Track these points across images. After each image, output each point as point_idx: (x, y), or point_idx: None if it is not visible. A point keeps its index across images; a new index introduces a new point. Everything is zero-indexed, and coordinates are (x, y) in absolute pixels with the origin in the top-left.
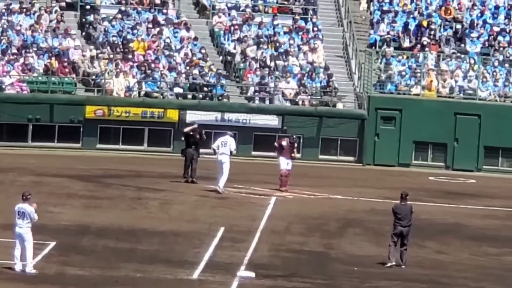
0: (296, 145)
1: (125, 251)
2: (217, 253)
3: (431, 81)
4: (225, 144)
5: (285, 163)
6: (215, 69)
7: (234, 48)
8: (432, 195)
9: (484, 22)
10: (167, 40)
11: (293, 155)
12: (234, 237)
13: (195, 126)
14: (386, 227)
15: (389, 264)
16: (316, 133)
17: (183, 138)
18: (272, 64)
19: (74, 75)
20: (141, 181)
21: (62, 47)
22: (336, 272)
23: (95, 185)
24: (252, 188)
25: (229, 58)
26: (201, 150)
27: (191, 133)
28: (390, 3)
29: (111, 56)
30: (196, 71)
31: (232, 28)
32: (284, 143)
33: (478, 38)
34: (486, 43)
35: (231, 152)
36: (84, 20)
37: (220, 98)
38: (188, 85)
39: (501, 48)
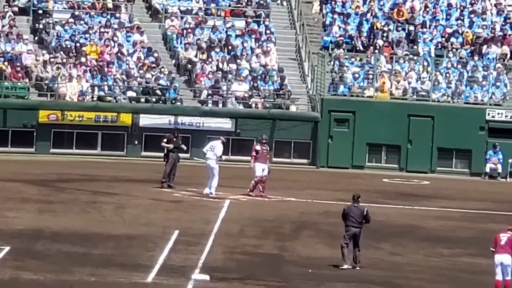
0: (268, 147)
1: (80, 255)
2: (171, 257)
3: (384, 82)
4: (213, 149)
5: (260, 170)
6: (167, 72)
7: (186, 50)
8: (387, 196)
9: (437, 23)
10: (120, 44)
11: (267, 158)
12: (188, 240)
13: (171, 146)
14: (340, 229)
15: (345, 267)
16: (270, 135)
17: (164, 144)
18: (225, 67)
19: (27, 80)
20: (95, 185)
21: (15, 51)
22: (290, 274)
23: (49, 190)
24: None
25: (183, 62)
26: (153, 154)
27: (174, 139)
28: (343, 5)
29: (64, 60)
30: (149, 75)
31: (184, 31)
32: (258, 147)
33: (431, 39)
34: (439, 44)
35: (218, 156)
36: (36, 25)
37: (173, 101)
38: (141, 89)
39: (454, 50)
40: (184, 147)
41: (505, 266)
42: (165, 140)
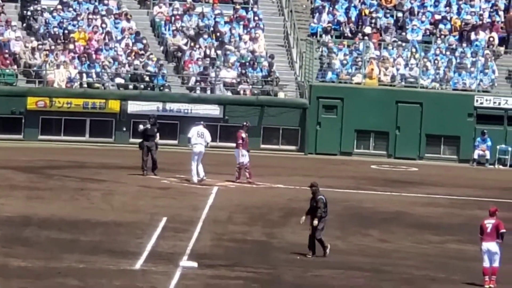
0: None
1: (68, 242)
2: (159, 243)
3: (372, 69)
4: (202, 135)
5: (241, 155)
6: (155, 58)
7: (174, 37)
8: (375, 183)
9: (425, 10)
10: (108, 32)
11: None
12: (177, 227)
13: (148, 126)
14: (329, 215)
15: (311, 256)
16: (258, 122)
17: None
18: (213, 54)
19: (15, 67)
20: (83, 172)
21: (3, 38)
22: (278, 261)
23: (38, 177)
24: (187, 180)
25: (171, 48)
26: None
27: (149, 127)
28: None
29: (52, 47)
30: (137, 62)
31: (173, 18)
32: (243, 135)
33: (419, 26)
34: (427, 31)
35: (207, 143)
36: (25, 11)
37: (161, 88)
38: (130, 75)
39: (442, 36)
40: (158, 139)
41: (492, 254)
42: (141, 126)
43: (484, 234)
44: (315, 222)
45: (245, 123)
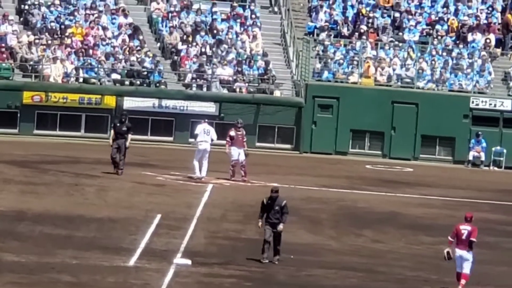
0: (244, 132)
1: (62, 238)
2: (153, 240)
3: (369, 66)
4: (208, 133)
5: (237, 153)
6: (152, 54)
7: (170, 34)
8: (369, 183)
9: (422, 10)
10: (105, 27)
11: (244, 142)
12: (171, 224)
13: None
14: (323, 215)
15: (266, 261)
16: (254, 120)
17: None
18: (210, 51)
19: (11, 61)
20: (78, 167)
21: (0, 32)
22: (272, 260)
23: (32, 171)
24: (189, 176)
25: (168, 45)
26: (137, 137)
27: (118, 124)
28: None
29: (49, 42)
30: (133, 58)
31: (170, 15)
32: (232, 133)
33: (416, 26)
34: (424, 31)
35: (212, 140)
36: (22, 6)
37: (157, 84)
38: (126, 71)
39: (439, 37)
40: (128, 142)
41: (463, 260)
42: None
43: (458, 240)
44: (281, 227)
45: (237, 121)
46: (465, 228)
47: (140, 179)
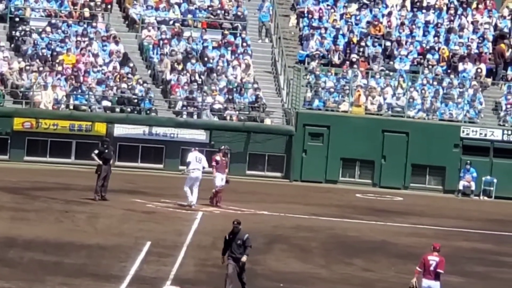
0: (228, 155)
1: (52, 264)
2: (143, 268)
3: (359, 95)
4: (200, 161)
5: (220, 179)
6: (142, 81)
7: (161, 62)
8: (360, 212)
9: (413, 39)
10: (95, 54)
11: (226, 170)
12: (161, 252)
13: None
14: (312, 243)
15: None
16: (244, 148)
17: (94, 155)
18: (200, 78)
19: (2, 87)
20: (69, 194)
21: None
22: None
23: (23, 198)
24: (180, 204)
25: (159, 72)
26: (127, 164)
27: (106, 151)
28: (320, 19)
29: (40, 68)
30: (124, 85)
31: (161, 42)
32: (218, 158)
33: (407, 55)
34: (415, 61)
35: (203, 168)
36: (13, 32)
37: (148, 112)
38: (116, 98)
39: (430, 66)
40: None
41: None
42: (96, 151)
43: (425, 271)
44: (244, 259)
45: (222, 147)
46: (433, 259)
47: (130, 206)
